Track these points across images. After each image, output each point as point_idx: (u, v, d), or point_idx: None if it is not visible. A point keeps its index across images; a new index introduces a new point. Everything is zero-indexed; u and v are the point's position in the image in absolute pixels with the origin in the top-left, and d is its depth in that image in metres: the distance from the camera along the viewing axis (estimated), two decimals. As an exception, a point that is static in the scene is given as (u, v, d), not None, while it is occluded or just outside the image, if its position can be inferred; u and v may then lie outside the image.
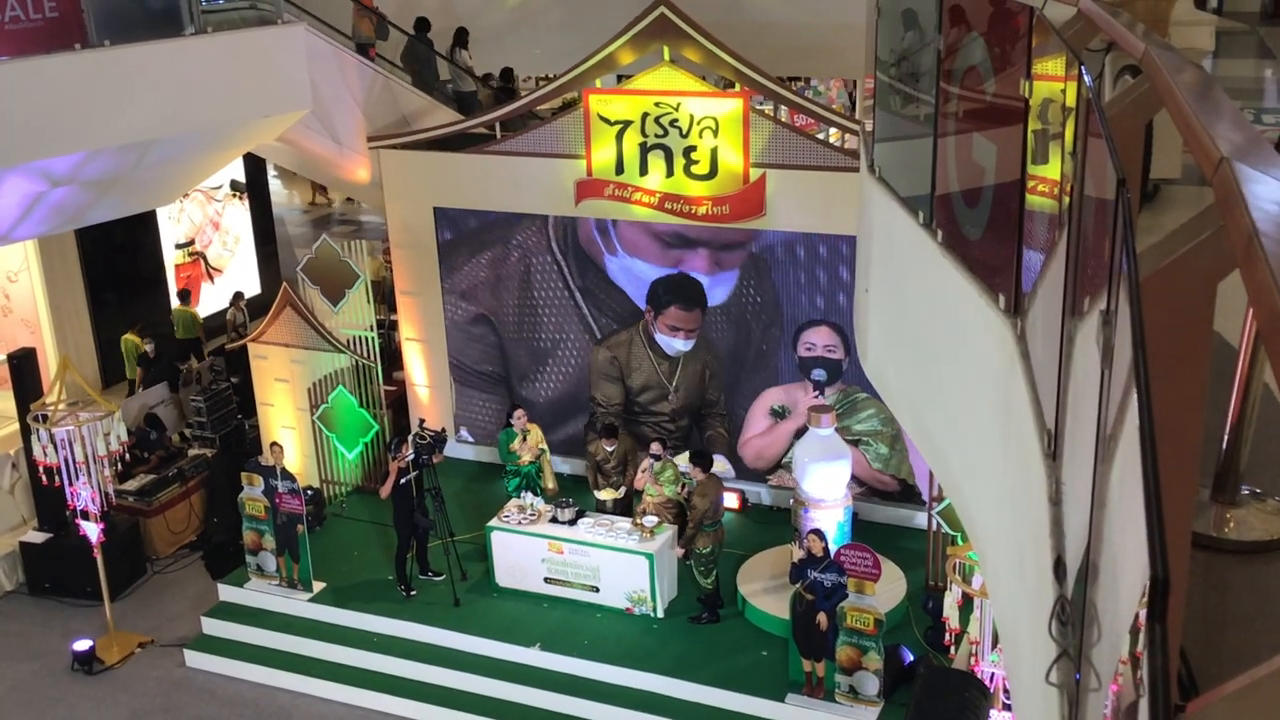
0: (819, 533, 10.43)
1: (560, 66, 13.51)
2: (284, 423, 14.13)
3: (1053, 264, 4.16)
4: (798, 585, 10.35)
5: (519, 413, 12.84)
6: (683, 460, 12.11)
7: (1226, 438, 4.42)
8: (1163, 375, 2.45)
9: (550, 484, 12.88)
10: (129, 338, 16.37)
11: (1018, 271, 4.92)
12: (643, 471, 12.13)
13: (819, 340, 12.81)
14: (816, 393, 12.88)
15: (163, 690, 11.84)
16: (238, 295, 17.63)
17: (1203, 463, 4.01)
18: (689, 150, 12.56)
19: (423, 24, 16.12)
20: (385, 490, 12.00)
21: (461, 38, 16.83)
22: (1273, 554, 4.11)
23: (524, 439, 12.77)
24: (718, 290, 13.22)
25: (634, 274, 13.55)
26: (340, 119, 14.05)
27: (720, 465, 12.81)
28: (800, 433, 12.69)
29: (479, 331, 14.43)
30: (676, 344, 13.49)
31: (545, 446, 13.01)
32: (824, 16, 16.19)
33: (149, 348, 15.63)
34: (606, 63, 12.98)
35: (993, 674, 8.56)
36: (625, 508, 12.55)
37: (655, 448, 12.07)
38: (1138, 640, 1.93)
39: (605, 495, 12.55)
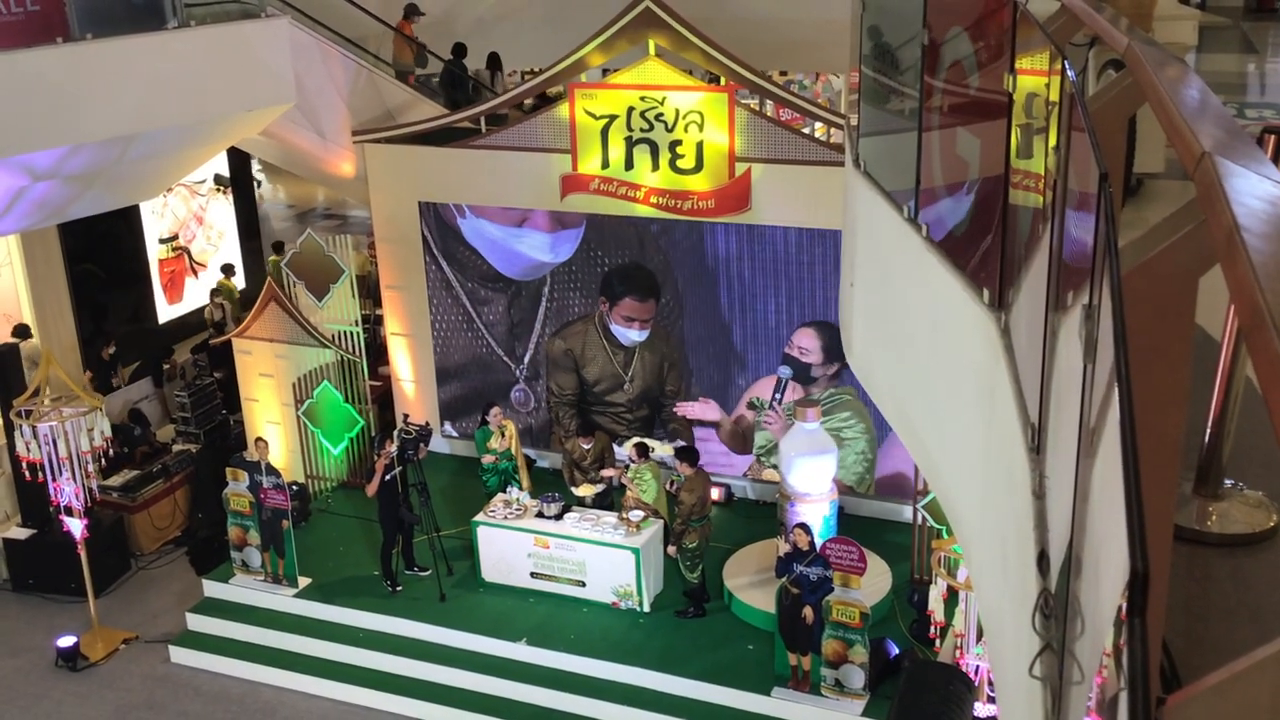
0: (805, 526, 10.45)
1: (545, 60, 13.49)
2: (269, 418, 14.09)
3: (1036, 258, 4.17)
4: (783, 579, 10.36)
5: (495, 410, 12.82)
6: (663, 449, 12.10)
7: (1209, 431, 4.44)
8: (1145, 369, 2.45)
9: (527, 484, 12.84)
10: (225, 283, 16.48)
11: (1002, 266, 4.92)
12: (620, 467, 12.12)
13: (797, 340, 12.86)
14: (776, 394, 12.91)
15: (147, 687, 11.81)
16: (214, 291, 17.59)
17: (1185, 456, 4.02)
18: (674, 144, 12.55)
19: (459, 50, 16.55)
20: (372, 489, 11.97)
21: (495, 61, 17.27)
22: (1255, 546, 4.13)
23: (501, 435, 12.75)
24: (563, 248, 13.53)
25: (483, 235, 13.83)
26: (325, 113, 14.01)
27: (664, 449, 12.86)
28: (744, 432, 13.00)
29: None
30: (631, 335, 13.54)
31: (514, 446, 12.97)
32: (808, 12, 16.19)
33: (110, 351, 15.46)
34: (591, 57, 12.97)
35: (977, 667, 8.59)
36: (605, 503, 12.55)
37: (632, 452, 11.99)
38: (1121, 633, 1.93)
39: (584, 491, 12.53)
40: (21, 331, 15.00)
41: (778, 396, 12.93)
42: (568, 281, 13.73)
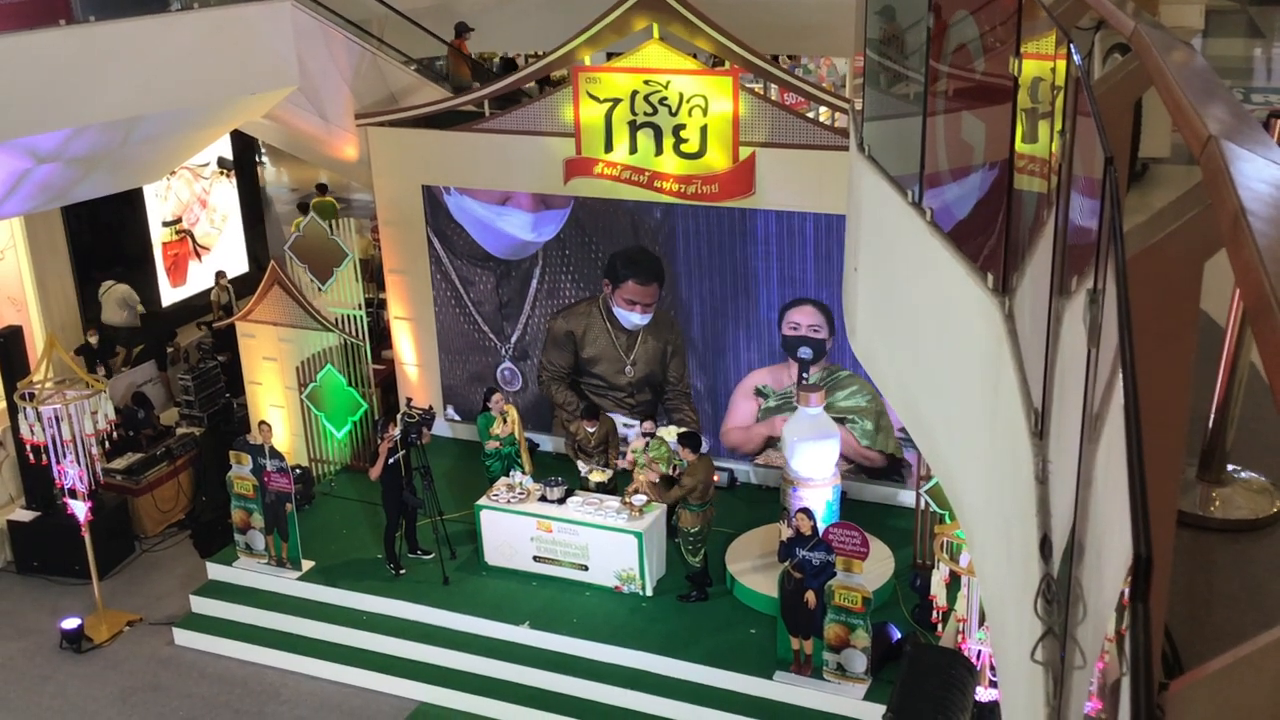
0: (807, 511, 10.46)
1: (549, 44, 13.45)
2: (272, 401, 14.10)
3: (1040, 243, 4.15)
4: (786, 563, 10.38)
5: (496, 396, 12.83)
6: (669, 433, 12.12)
7: (1213, 417, 4.43)
8: (1149, 354, 2.44)
9: (529, 467, 12.85)
10: (322, 200, 16.92)
11: (1006, 251, 4.91)
12: (633, 450, 12.13)
13: (803, 320, 12.82)
14: (804, 374, 12.88)
15: (151, 668, 11.85)
16: (220, 274, 17.58)
17: (1189, 442, 4.01)
18: (678, 128, 12.52)
19: (509, 65, 17.00)
20: (375, 472, 11.99)
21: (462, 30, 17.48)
22: (1258, 533, 4.12)
23: (503, 421, 12.76)
24: (545, 228, 13.61)
25: (467, 212, 13.90)
26: (328, 96, 13.98)
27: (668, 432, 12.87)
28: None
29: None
30: (634, 318, 13.54)
31: (516, 430, 12.97)
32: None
33: (93, 339, 15.40)
34: (595, 40, 12.92)
35: (979, 651, 8.60)
36: (612, 487, 12.55)
37: (648, 425, 12.08)
38: (1123, 618, 1.93)
39: (595, 477, 12.53)
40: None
41: (805, 377, 12.89)
42: (560, 264, 13.73)
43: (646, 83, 12.49)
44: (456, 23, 16.55)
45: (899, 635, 10.72)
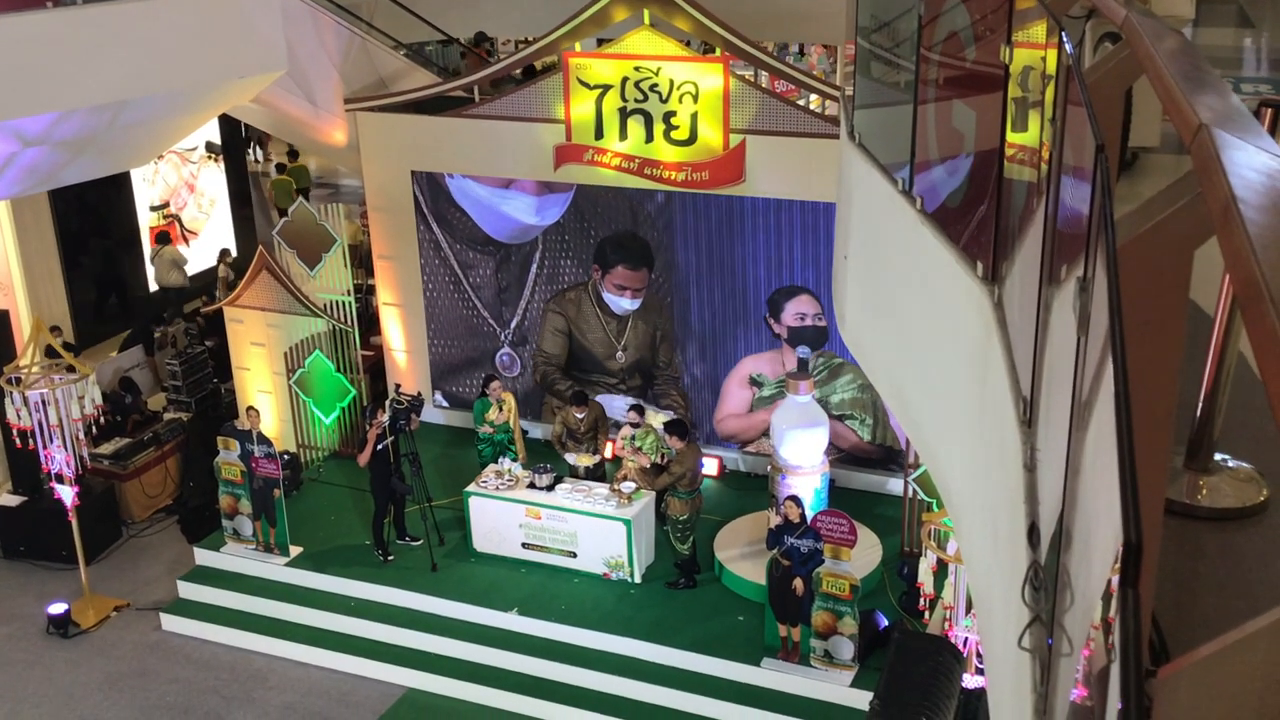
0: (796, 499, 10.48)
1: (539, 29, 13.41)
2: (260, 387, 14.06)
3: (1030, 231, 4.15)
4: (774, 551, 10.40)
5: (495, 384, 12.82)
6: (657, 420, 12.13)
7: (1200, 406, 4.43)
8: (1138, 342, 2.44)
9: (522, 455, 12.84)
10: (282, 178, 16.89)
11: (996, 239, 4.91)
12: (623, 439, 12.12)
13: (809, 310, 12.76)
14: (814, 373, 12.78)
15: (138, 654, 11.84)
16: (224, 252, 17.53)
17: (1176, 430, 4.01)
18: (669, 115, 12.49)
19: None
20: (364, 458, 11.97)
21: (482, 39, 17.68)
22: (1245, 521, 4.13)
23: (500, 408, 12.75)
24: (549, 212, 13.55)
25: (470, 195, 13.81)
26: (316, 80, 13.92)
27: (656, 419, 12.85)
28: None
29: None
30: (623, 303, 13.52)
31: (512, 419, 12.96)
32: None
33: (57, 342, 15.27)
34: (586, 26, 12.88)
35: (966, 639, 8.63)
36: (599, 473, 12.56)
37: (633, 415, 12.07)
38: (1109, 606, 1.93)
39: (582, 461, 12.53)
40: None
41: (809, 369, 12.83)
42: (559, 248, 13.70)
43: (637, 69, 12.45)
44: (476, 31, 16.63)
45: (886, 623, 10.75)
